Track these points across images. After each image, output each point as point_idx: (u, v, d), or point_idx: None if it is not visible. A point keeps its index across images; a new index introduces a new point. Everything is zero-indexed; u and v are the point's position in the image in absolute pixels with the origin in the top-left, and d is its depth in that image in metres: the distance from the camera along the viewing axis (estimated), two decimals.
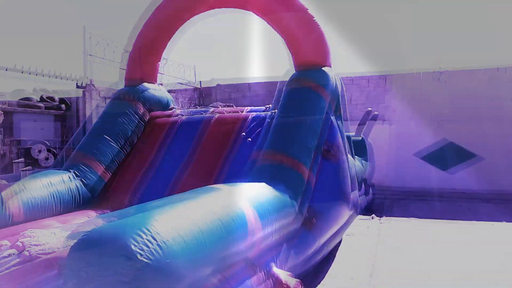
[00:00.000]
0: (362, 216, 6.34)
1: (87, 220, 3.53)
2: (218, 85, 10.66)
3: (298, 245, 3.15)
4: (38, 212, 3.52)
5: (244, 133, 4.24)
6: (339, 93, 4.51)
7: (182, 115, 4.88)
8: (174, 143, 4.63)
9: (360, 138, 6.82)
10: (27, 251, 2.70)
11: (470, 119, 8.91)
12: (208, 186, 2.54)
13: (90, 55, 6.97)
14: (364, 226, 5.85)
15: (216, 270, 2.14)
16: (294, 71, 4.28)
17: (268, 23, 4.47)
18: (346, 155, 4.64)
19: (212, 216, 2.08)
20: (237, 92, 10.54)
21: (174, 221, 1.87)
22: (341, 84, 4.47)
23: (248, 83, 10.57)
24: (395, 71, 9.48)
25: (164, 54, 5.37)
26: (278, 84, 4.33)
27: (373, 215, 6.45)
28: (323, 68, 4.19)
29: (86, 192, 4.02)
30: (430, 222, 6.09)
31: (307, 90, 4.01)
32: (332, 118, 4.33)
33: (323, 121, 3.98)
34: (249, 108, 4.71)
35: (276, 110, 4.28)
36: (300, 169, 3.46)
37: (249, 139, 4.21)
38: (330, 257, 4.37)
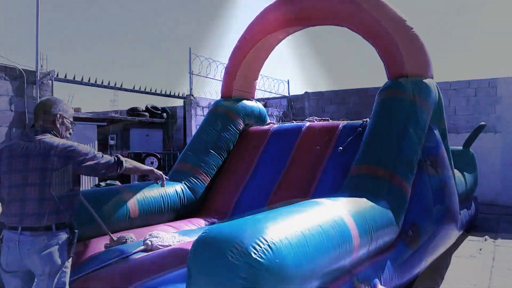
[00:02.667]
0: (472, 237, 5.83)
1: (199, 227, 3.86)
2: (306, 93, 10.73)
3: (403, 264, 3.06)
4: (151, 216, 3.93)
5: (341, 148, 4.23)
6: (442, 105, 4.28)
7: (278, 130, 5.06)
8: (269, 153, 4.82)
9: (461, 148, 6.30)
10: (149, 241, 3.10)
11: None
12: (312, 200, 2.62)
13: (194, 74, 7.59)
14: (476, 248, 5.37)
15: (322, 283, 2.21)
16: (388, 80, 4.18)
17: (363, 37, 4.44)
18: (452, 171, 4.36)
19: (318, 230, 2.16)
20: (325, 100, 10.50)
21: (283, 229, 2.02)
22: (440, 94, 4.24)
23: (336, 90, 10.46)
24: (505, 75, 8.58)
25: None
26: (376, 96, 4.25)
27: (486, 236, 5.88)
28: (424, 80, 4.02)
29: (195, 202, 4.39)
30: None
31: (405, 101, 3.87)
32: (435, 131, 4.13)
33: (425, 135, 3.81)
34: (345, 122, 4.70)
35: (368, 119, 4.20)
36: (402, 185, 3.36)
37: (340, 148, 4.20)
38: (438, 279, 4.11)
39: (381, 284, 2.68)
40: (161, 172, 2.88)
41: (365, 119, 4.39)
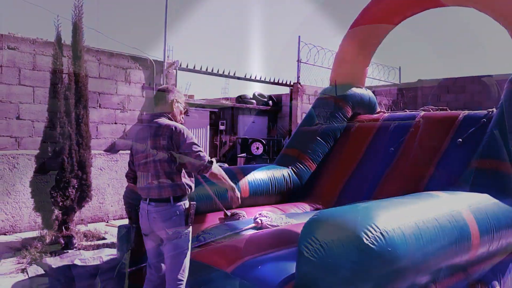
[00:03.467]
0: None
1: (304, 211, 3.98)
2: (419, 80, 10.02)
3: None
4: (260, 196, 4.16)
5: (460, 140, 3.93)
6: None
7: (389, 119, 4.88)
8: (378, 144, 4.67)
9: None
10: (259, 219, 3.32)
11: None
12: (426, 192, 2.53)
13: (302, 62, 7.67)
14: None
15: (435, 278, 2.15)
16: None
17: (492, 17, 4.01)
18: None
19: (433, 223, 2.10)
20: (441, 88, 9.66)
21: (396, 218, 2.01)
22: None
23: (455, 78, 9.54)
24: None
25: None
26: (506, 84, 3.82)
27: None
28: None
29: (301, 187, 4.51)
30: None
31: None
32: None
33: None
34: (466, 111, 4.32)
35: (494, 110, 3.80)
36: None
37: (460, 140, 3.88)
38: None
39: (500, 287, 2.48)
40: (238, 196, 2.75)
41: (490, 109, 3.99)
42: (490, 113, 3.93)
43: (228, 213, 3.59)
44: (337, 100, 5.12)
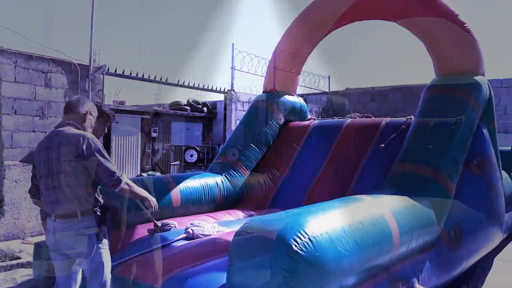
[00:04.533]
0: None
1: (237, 219, 3.96)
2: (346, 88, 10.58)
3: (443, 264, 3.00)
4: (192, 205, 4.06)
5: (383, 145, 4.18)
6: (492, 103, 4.11)
7: (319, 126, 5.05)
8: (309, 149, 4.83)
9: (510, 149, 6.00)
10: (191, 229, 3.23)
11: None
12: (353, 196, 2.63)
13: (236, 69, 7.69)
14: None
15: (360, 279, 2.22)
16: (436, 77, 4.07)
17: (412, 31, 4.34)
18: (500, 172, 4.19)
19: (358, 226, 2.18)
20: (366, 96, 10.30)
21: (324, 223, 2.06)
22: (491, 92, 4.06)
23: (378, 87, 10.21)
24: None
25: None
26: (423, 93, 4.14)
27: None
28: (475, 77, 3.88)
29: (234, 194, 4.49)
30: None
31: (453, 98, 3.76)
32: (484, 130, 3.97)
33: (473, 134, 3.69)
34: (388, 118, 4.62)
35: (412, 117, 4.11)
36: (447, 184, 3.28)
37: (382, 145, 4.14)
38: (478, 282, 3.98)
39: (419, 284, 2.64)
40: (155, 203, 2.66)
41: (409, 117, 4.30)
42: (409, 119, 4.24)
43: (159, 223, 3.45)
44: (270, 107, 5.20)
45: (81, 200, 2.25)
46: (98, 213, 2.31)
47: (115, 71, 6.70)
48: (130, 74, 7.01)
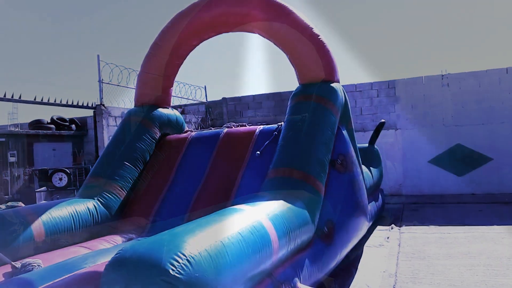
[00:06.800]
0: (381, 226, 6.33)
1: (115, 245, 3.64)
2: (223, 98, 10.82)
3: (320, 260, 3.21)
4: (60, 237, 3.63)
5: (258, 152, 4.33)
6: (348, 106, 4.60)
7: (196, 137, 5.01)
8: (188, 162, 4.75)
9: (367, 145, 6.86)
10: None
11: (483, 123, 8.88)
12: (231, 207, 2.63)
13: (104, 82, 7.19)
14: (384, 236, 5.84)
15: None
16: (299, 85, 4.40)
17: (274, 43, 4.60)
18: (360, 167, 4.70)
19: (238, 237, 2.17)
20: (242, 105, 10.67)
21: (202, 241, 1.99)
22: (346, 96, 4.56)
23: (253, 95, 10.67)
24: (402, 77, 9.52)
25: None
26: (289, 100, 4.42)
27: (393, 224, 6.43)
28: (331, 84, 4.28)
29: (110, 218, 4.14)
30: (450, 229, 6.05)
31: (315, 104, 4.09)
32: (344, 131, 4.42)
33: (335, 135, 4.06)
34: (261, 126, 4.81)
35: (282, 123, 4.37)
36: (316, 184, 3.54)
37: (258, 152, 4.31)
38: (352, 269, 4.39)
39: (300, 282, 2.77)
40: None
41: (280, 123, 4.54)
42: (280, 126, 4.48)
43: (17, 264, 2.97)
44: (144, 122, 4.96)
45: None
46: None
47: None
48: None
